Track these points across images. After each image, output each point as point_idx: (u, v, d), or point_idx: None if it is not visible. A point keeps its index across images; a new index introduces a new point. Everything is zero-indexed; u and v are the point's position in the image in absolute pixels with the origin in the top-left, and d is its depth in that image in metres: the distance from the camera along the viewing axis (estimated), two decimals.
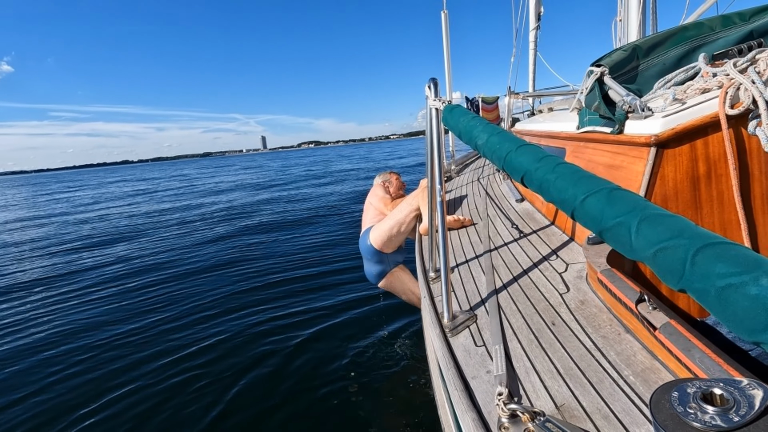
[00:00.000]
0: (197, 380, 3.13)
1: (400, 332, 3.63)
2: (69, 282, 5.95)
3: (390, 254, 2.92)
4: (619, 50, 1.69)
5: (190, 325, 4.12)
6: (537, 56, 5.85)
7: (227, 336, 3.81)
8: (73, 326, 4.33)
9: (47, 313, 4.80)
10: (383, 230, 2.79)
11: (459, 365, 1.06)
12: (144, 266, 6.40)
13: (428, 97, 1.43)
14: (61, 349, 3.84)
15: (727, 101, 1.21)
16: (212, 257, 6.57)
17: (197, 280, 5.50)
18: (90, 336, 4.05)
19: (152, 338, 3.89)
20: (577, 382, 0.91)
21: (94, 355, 3.67)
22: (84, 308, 4.84)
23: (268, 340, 3.67)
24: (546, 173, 0.71)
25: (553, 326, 1.14)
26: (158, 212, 13.25)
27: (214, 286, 5.16)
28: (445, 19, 3.83)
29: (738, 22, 1.76)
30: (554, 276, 1.42)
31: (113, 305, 4.84)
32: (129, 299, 4.98)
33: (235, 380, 3.10)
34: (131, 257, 7.09)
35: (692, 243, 0.45)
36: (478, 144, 1.00)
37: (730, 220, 1.28)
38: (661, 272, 0.49)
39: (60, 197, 25.32)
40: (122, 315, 4.51)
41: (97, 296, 5.22)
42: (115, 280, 5.80)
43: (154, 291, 5.19)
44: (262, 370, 3.24)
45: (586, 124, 1.73)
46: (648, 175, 1.29)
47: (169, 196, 19.09)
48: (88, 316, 4.58)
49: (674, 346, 0.82)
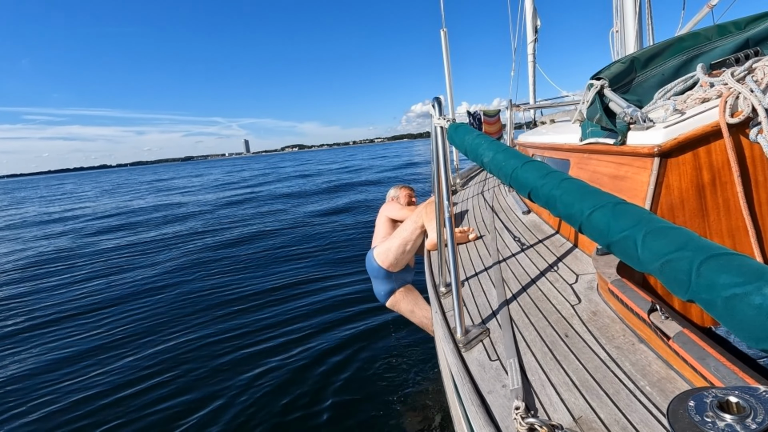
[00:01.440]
0: (199, 388, 3.13)
1: (412, 345, 3.61)
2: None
3: (397, 273, 2.89)
4: (618, 63, 1.73)
5: (187, 332, 4.15)
6: (536, 68, 5.93)
7: (226, 352, 3.82)
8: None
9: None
10: (389, 249, 2.77)
11: (474, 380, 1.07)
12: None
13: (433, 115, 1.47)
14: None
15: (727, 110, 1.24)
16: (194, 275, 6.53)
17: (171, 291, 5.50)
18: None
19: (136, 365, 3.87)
20: (593, 394, 0.91)
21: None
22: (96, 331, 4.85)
23: (274, 354, 3.68)
24: (552, 189, 0.74)
25: (566, 338, 1.14)
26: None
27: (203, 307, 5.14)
28: (445, 36, 3.92)
29: (734, 31, 1.80)
30: (565, 287, 1.42)
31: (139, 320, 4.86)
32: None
33: (235, 399, 3.10)
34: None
35: (696, 255, 0.47)
36: (485, 161, 1.03)
37: (738, 227, 1.29)
38: (669, 284, 0.50)
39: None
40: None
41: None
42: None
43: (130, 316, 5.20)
44: (267, 383, 3.24)
45: (589, 136, 1.75)
46: (653, 185, 1.31)
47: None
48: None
49: (689, 355, 0.82)
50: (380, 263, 2.82)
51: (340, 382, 3.19)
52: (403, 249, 2.71)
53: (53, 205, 22.40)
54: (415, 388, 3.03)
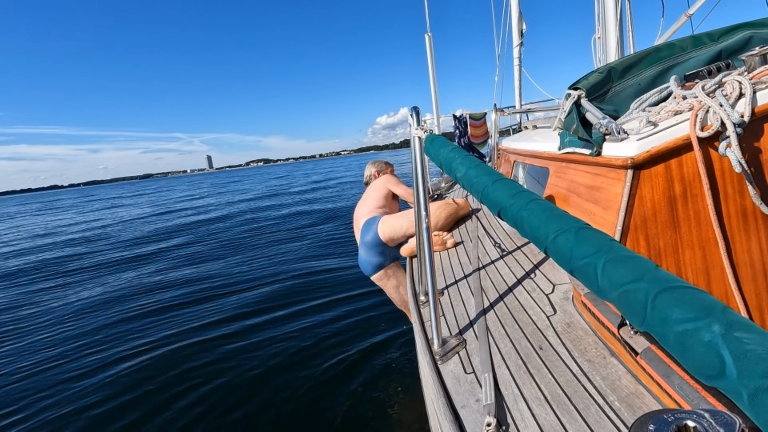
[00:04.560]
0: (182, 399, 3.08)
1: (394, 349, 3.61)
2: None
3: (392, 248, 2.89)
4: (596, 72, 1.74)
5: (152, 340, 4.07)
6: (522, 72, 5.98)
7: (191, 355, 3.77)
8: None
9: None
10: (396, 227, 2.74)
11: (449, 394, 1.07)
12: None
13: (411, 125, 1.47)
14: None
15: (697, 124, 1.26)
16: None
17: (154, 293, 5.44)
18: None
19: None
20: (564, 409, 0.92)
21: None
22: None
23: (250, 355, 3.66)
24: (520, 209, 0.74)
25: (540, 350, 1.15)
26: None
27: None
28: (429, 41, 3.92)
29: (707, 42, 1.83)
30: (541, 297, 1.43)
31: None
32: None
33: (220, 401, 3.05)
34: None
35: (652, 287, 0.47)
36: (458, 176, 1.03)
37: (708, 238, 1.31)
38: (627, 314, 0.50)
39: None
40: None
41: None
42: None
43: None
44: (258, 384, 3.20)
45: (567, 146, 1.77)
46: (627, 196, 1.32)
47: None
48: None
49: (654, 372, 0.83)
50: (381, 235, 2.79)
51: (320, 394, 3.16)
52: (412, 230, 2.69)
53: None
54: (396, 399, 3.02)
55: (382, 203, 3.04)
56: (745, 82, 1.25)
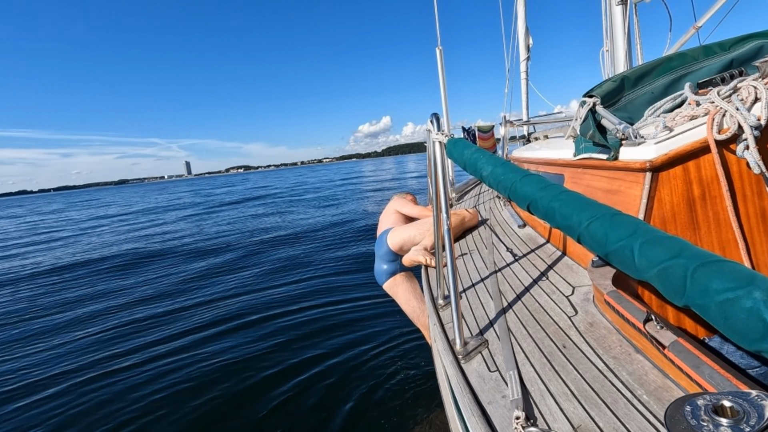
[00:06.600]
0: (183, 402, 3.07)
1: (406, 357, 3.59)
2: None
3: (402, 257, 2.97)
4: (609, 81, 1.79)
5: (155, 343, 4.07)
6: (529, 85, 6.07)
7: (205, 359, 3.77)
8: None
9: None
10: (404, 234, 2.84)
11: (474, 391, 1.08)
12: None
13: (431, 131, 1.51)
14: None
15: (714, 127, 1.29)
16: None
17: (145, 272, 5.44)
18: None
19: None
20: (592, 403, 0.93)
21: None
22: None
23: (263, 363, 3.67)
24: (551, 201, 0.77)
25: (564, 349, 1.16)
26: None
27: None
28: (440, 55, 4.01)
29: (719, 52, 1.87)
30: (561, 299, 1.45)
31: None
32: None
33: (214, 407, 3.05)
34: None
35: (690, 262, 0.50)
36: (484, 175, 1.06)
37: (728, 240, 1.33)
38: (665, 290, 0.53)
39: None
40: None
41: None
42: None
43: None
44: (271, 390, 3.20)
45: (583, 151, 1.80)
46: (646, 199, 1.35)
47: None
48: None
49: (684, 364, 0.84)
50: (390, 244, 2.89)
51: (332, 397, 3.16)
52: (419, 239, 2.77)
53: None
54: (411, 402, 3.00)
55: (392, 219, 3.20)
56: (761, 87, 1.28)
